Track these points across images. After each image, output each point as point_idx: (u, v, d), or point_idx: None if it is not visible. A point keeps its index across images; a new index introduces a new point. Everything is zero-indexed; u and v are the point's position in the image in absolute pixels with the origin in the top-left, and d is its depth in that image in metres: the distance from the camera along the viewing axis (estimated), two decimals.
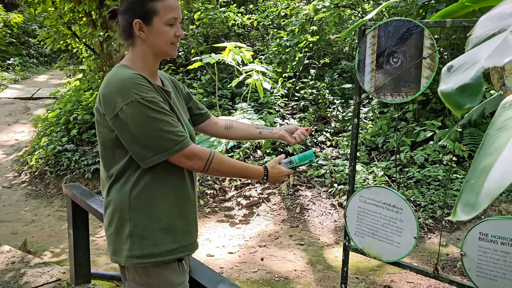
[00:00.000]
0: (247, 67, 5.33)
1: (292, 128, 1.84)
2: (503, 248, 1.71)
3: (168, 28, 1.42)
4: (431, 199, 4.36)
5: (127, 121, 1.33)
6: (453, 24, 1.74)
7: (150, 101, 1.34)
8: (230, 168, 1.49)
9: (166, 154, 1.36)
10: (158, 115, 1.34)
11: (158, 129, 1.34)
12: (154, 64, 1.49)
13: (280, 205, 4.57)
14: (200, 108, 1.76)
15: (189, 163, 1.41)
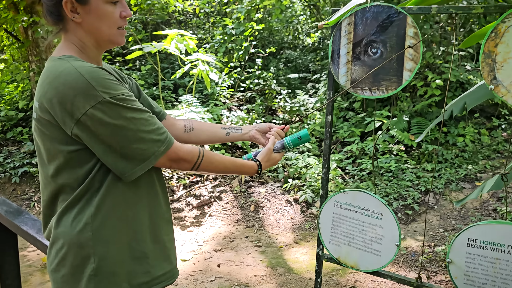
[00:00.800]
0: (192, 56, 4.99)
1: (265, 127, 1.59)
2: (493, 254, 1.59)
3: (112, 8, 1.13)
4: (386, 191, 4.33)
5: (96, 127, 1.05)
6: (439, 10, 1.57)
7: (122, 99, 1.07)
8: (221, 167, 1.32)
9: (152, 159, 1.13)
10: (134, 114, 1.09)
11: (138, 131, 1.09)
12: (98, 55, 1.18)
13: (233, 203, 4.33)
14: (153, 106, 1.44)
15: (175, 165, 1.20)
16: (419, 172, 4.74)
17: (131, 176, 1.11)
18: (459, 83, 5.69)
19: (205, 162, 1.24)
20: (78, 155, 1.09)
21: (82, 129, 1.05)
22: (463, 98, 1.85)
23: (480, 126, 5.74)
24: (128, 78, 1.40)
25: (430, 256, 3.28)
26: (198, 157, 1.22)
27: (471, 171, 4.80)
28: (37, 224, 1.80)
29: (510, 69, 1.46)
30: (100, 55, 1.20)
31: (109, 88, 1.05)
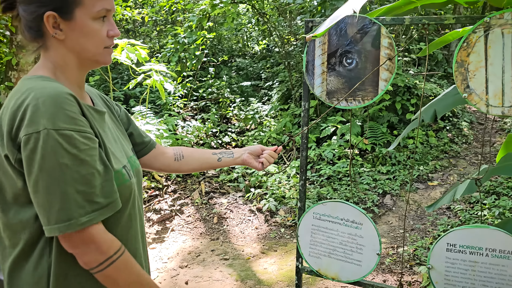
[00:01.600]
0: (145, 67, 4.83)
1: (257, 149, 1.52)
2: (472, 258, 1.63)
3: (98, 25, 1.01)
4: (346, 195, 4.41)
5: (28, 162, 0.88)
6: (412, 21, 1.60)
7: (67, 137, 0.89)
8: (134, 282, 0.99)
9: (66, 225, 0.89)
10: (71, 162, 0.89)
11: (63, 182, 0.89)
12: (79, 76, 1.05)
13: (195, 216, 4.21)
14: (143, 136, 1.33)
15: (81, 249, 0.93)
16: (375, 175, 4.88)
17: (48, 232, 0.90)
18: (406, 87, 5.93)
19: (120, 264, 0.96)
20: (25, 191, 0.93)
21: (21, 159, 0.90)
22: (433, 106, 1.89)
23: (427, 128, 6.01)
24: (118, 106, 1.29)
25: (394, 258, 3.36)
26: (116, 252, 0.95)
27: (423, 172, 5.01)
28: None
29: (482, 77, 1.51)
30: (83, 76, 1.08)
31: (57, 119, 0.89)
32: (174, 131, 5.54)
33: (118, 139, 1.13)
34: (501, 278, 1.60)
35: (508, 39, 1.47)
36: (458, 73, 1.54)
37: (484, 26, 1.48)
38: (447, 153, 5.56)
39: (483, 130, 6.21)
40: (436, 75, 7.41)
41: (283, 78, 7.41)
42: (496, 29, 1.47)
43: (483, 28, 1.49)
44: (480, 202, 1.80)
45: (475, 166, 5.16)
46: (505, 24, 1.46)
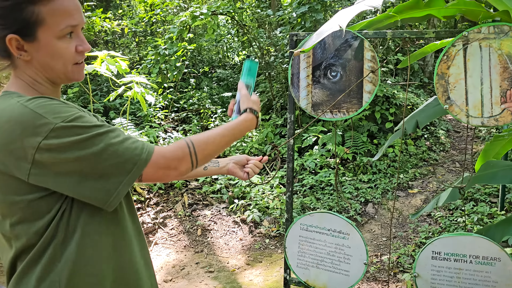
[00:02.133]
0: (126, 78, 4.79)
1: (242, 159, 1.53)
2: (456, 265, 1.67)
3: (65, 43, 0.98)
4: (329, 205, 4.44)
5: (58, 158, 0.90)
6: (394, 35, 1.64)
7: (76, 119, 0.93)
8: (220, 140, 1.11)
9: (135, 170, 0.96)
10: (96, 130, 0.94)
11: (107, 145, 0.93)
12: (54, 91, 1.05)
13: (178, 229, 4.17)
14: None
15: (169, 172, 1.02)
16: (357, 184, 4.93)
17: (117, 198, 0.96)
18: (385, 97, 6.05)
19: (199, 147, 1.05)
20: (38, 204, 0.94)
21: (41, 170, 0.90)
22: (414, 117, 1.94)
23: (406, 137, 6.13)
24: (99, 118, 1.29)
25: (378, 266, 3.40)
26: (188, 147, 1.03)
27: (403, 180, 5.09)
28: None
29: (462, 89, 1.57)
30: (56, 90, 1.06)
31: (58, 113, 0.91)
32: (156, 143, 5.50)
33: None
34: (485, 284, 1.63)
35: (485, 52, 1.53)
36: (439, 85, 1.59)
37: (463, 40, 1.54)
38: (426, 161, 5.67)
39: (466, 138, 6.37)
40: (412, 85, 7.59)
41: (263, 88, 7.46)
42: (474, 42, 1.53)
43: (461, 42, 1.54)
44: (462, 210, 1.85)
45: (453, 173, 5.28)
46: (483, 38, 1.52)
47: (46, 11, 0.94)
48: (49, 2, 0.94)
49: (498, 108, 1.53)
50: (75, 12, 0.99)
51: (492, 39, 1.51)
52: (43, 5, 0.94)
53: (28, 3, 0.93)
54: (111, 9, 9.38)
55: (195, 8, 5.89)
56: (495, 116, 1.54)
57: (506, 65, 1.51)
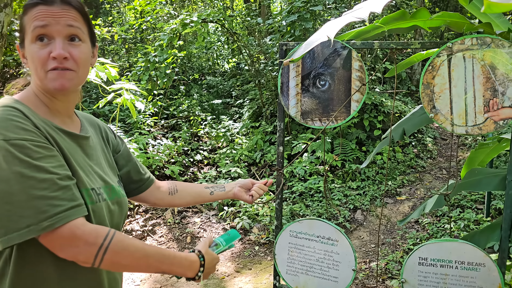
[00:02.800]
0: (115, 85, 4.79)
1: (247, 183, 1.58)
2: (442, 271, 1.70)
3: (35, 47, 0.99)
4: (318, 212, 4.47)
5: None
6: (381, 45, 1.68)
7: (19, 146, 0.88)
8: (141, 257, 0.96)
9: (28, 233, 0.86)
10: (26, 170, 0.87)
11: (20, 193, 0.86)
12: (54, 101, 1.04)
13: (168, 236, 4.16)
14: (142, 172, 1.35)
15: (68, 249, 0.90)
16: (346, 191, 4.98)
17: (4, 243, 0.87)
18: (373, 105, 6.13)
19: (115, 246, 0.92)
20: None
21: None
22: (401, 125, 1.98)
23: (394, 144, 6.20)
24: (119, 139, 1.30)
25: (367, 273, 3.43)
26: (104, 238, 0.91)
27: (391, 187, 5.15)
28: None
29: (447, 98, 1.61)
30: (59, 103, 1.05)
31: (7, 130, 0.88)
32: (145, 150, 5.48)
33: (98, 165, 1.12)
34: None
35: (469, 63, 1.57)
36: (424, 94, 1.63)
37: (447, 51, 1.58)
38: (413, 168, 5.74)
39: (450, 146, 6.46)
40: (400, 93, 7.69)
41: (253, 96, 7.50)
42: (458, 53, 1.57)
43: (446, 53, 1.58)
44: (448, 216, 1.89)
45: (440, 180, 5.35)
46: (466, 49, 1.56)
47: (27, 19, 1.01)
48: (30, 10, 1.00)
49: (482, 117, 1.58)
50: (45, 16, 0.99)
51: (475, 50, 1.55)
52: (27, 15, 1.01)
53: (22, 15, 1.02)
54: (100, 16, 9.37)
55: (186, 16, 5.92)
56: (479, 124, 1.58)
57: (488, 76, 1.55)
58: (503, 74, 1.54)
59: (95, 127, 1.22)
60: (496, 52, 1.54)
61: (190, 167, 5.86)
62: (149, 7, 7.16)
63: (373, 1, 1.26)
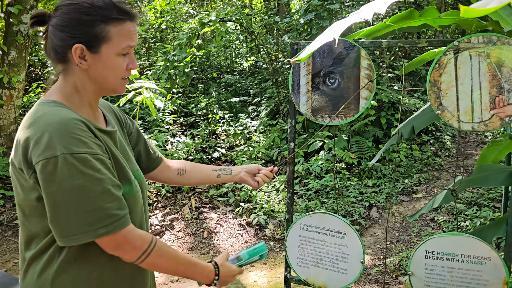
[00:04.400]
0: (135, 84, 4.92)
1: (254, 168, 1.65)
2: (449, 264, 1.74)
3: (121, 60, 1.10)
4: (333, 208, 4.51)
5: (45, 180, 0.98)
6: (389, 44, 1.73)
7: (82, 160, 0.98)
8: (171, 262, 1.13)
9: (86, 237, 1.00)
10: (88, 183, 0.99)
11: (82, 203, 0.99)
12: (94, 99, 1.14)
13: (185, 231, 4.27)
14: (152, 152, 1.43)
15: (118, 252, 1.06)
16: (361, 188, 5.00)
17: (65, 242, 1.01)
18: (391, 102, 6.11)
19: (155, 255, 1.09)
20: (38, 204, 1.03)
21: (36, 179, 0.99)
22: (411, 122, 2.02)
23: (411, 142, 6.18)
24: (130, 121, 1.36)
25: (380, 269, 3.46)
26: (149, 245, 1.08)
27: (408, 184, 5.14)
28: None
29: (453, 96, 1.64)
30: (97, 99, 1.17)
31: (71, 144, 0.98)
32: (164, 147, 5.61)
33: (127, 154, 1.21)
34: (476, 283, 1.70)
35: (475, 61, 1.61)
36: (431, 91, 1.67)
37: (454, 49, 1.62)
38: (430, 166, 5.72)
39: (458, 143, 6.40)
40: (419, 91, 7.63)
41: (271, 94, 7.56)
42: (464, 52, 1.61)
43: (453, 51, 1.62)
44: (456, 212, 1.92)
45: None
46: (472, 47, 1.60)
47: (115, 31, 1.07)
48: (119, 24, 1.08)
49: (488, 114, 1.61)
50: (134, 35, 1.12)
51: (481, 48, 1.59)
52: (113, 26, 1.07)
53: (102, 22, 1.06)
54: None
55: (204, 15, 6.03)
56: (485, 121, 1.61)
57: (494, 73, 1.58)
58: (509, 71, 1.57)
59: (111, 113, 1.29)
60: (502, 49, 1.57)
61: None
62: (169, 7, 7.30)
63: (378, 2, 1.31)
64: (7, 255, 3.81)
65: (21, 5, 4.94)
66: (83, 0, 1.06)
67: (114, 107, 1.34)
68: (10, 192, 4.71)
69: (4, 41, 5.05)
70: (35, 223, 1.05)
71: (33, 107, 1.08)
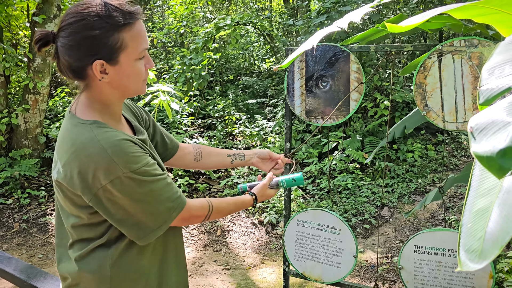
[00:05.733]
0: (153, 87, 5.11)
1: (265, 154, 1.78)
2: (437, 258, 1.81)
3: (140, 64, 1.11)
4: (344, 208, 4.58)
5: (113, 200, 1.07)
6: (376, 49, 1.82)
7: (142, 172, 1.08)
8: (226, 212, 1.42)
9: (165, 225, 1.17)
10: (153, 186, 1.11)
11: (153, 202, 1.13)
12: (119, 106, 1.19)
13: (199, 229, 4.42)
14: (170, 140, 1.53)
15: (187, 223, 1.27)
16: (374, 188, 5.04)
17: (145, 241, 1.15)
18: (405, 103, 6.12)
19: (215, 213, 1.33)
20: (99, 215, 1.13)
21: (98, 202, 1.07)
22: (403, 122, 2.10)
23: (426, 142, 6.17)
24: (145, 114, 1.43)
25: (388, 267, 3.52)
26: (208, 210, 1.30)
27: (421, 184, 5.15)
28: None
29: (438, 97, 1.72)
30: (121, 105, 1.20)
31: (130, 162, 1.05)
32: None
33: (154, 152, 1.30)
34: (463, 276, 1.77)
35: (458, 63, 1.68)
36: (417, 93, 1.75)
37: (438, 52, 1.70)
38: (446, 166, 5.70)
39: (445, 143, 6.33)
40: None
41: None
42: (447, 55, 1.69)
43: (436, 54, 1.70)
44: (444, 207, 1.98)
45: None
46: (455, 51, 1.67)
47: (129, 37, 1.05)
48: (131, 29, 1.06)
49: (471, 114, 1.68)
50: (146, 35, 1.11)
51: (463, 51, 1.66)
52: (125, 32, 1.05)
53: (113, 31, 1.03)
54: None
55: (219, 20, 6.19)
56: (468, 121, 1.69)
57: (476, 75, 1.65)
58: None
59: (128, 111, 1.35)
60: (483, 52, 1.64)
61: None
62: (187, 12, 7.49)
63: (354, 13, 1.41)
64: (32, 250, 4.05)
65: (45, 14, 5.21)
66: (87, 13, 1.02)
67: (129, 102, 1.37)
68: (35, 191, 4.97)
69: (30, 49, 5.33)
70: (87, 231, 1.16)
71: (73, 129, 1.08)
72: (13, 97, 6.38)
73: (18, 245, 4.14)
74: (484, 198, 0.81)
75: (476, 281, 1.76)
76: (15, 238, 4.25)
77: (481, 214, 0.78)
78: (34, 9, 5.44)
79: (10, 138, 5.52)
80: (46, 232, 4.35)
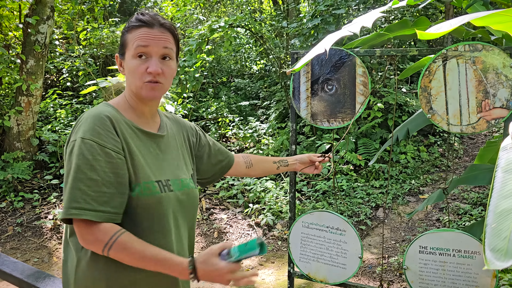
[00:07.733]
0: None
1: (305, 160, 1.86)
2: (441, 258, 1.85)
3: (136, 62, 1.20)
4: (340, 209, 4.61)
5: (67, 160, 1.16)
6: (382, 53, 1.85)
7: (87, 144, 1.11)
8: (136, 257, 1.10)
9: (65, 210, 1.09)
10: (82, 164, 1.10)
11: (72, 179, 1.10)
12: (141, 105, 1.28)
13: (196, 231, 4.41)
14: (226, 154, 1.62)
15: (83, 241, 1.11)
16: (368, 189, 5.09)
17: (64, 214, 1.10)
18: (398, 105, 6.19)
19: (117, 247, 1.09)
20: None
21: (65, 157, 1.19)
22: (406, 125, 2.13)
23: (419, 144, 6.25)
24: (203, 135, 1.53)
25: (385, 267, 3.56)
26: (111, 237, 1.09)
27: (414, 185, 5.22)
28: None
29: (443, 100, 1.76)
30: (145, 107, 1.27)
31: (87, 131, 1.13)
32: None
33: (172, 160, 1.31)
34: (467, 276, 1.81)
35: (462, 67, 1.72)
36: (422, 96, 1.79)
37: (442, 56, 1.73)
38: (437, 167, 5.78)
39: (447, 143, 6.44)
40: None
41: (280, 97, 7.69)
42: (452, 59, 1.72)
43: (441, 59, 1.74)
44: (447, 209, 2.02)
45: None
46: (459, 55, 1.71)
47: (130, 36, 1.23)
48: (134, 30, 1.22)
49: (475, 117, 1.72)
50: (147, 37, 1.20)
51: (468, 56, 1.70)
52: (130, 33, 1.23)
53: (125, 32, 1.25)
54: None
55: (213, 22, 6.18)
56: (472, 124, 1.72)
57: (480, 79, 1.70)
58: (494, 77, 1.68)
59: (178, 126, 1.43)
60: (487, 57, 1.68)
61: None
62: (179, 14, 7.48)
63: (366, 17, 1.44)
64: (27, 254, 4.00)
65: (38, 16, 5.16)
66: None
67: (187, 122, 1.48)
68: (28, 194, 4.92)
69: (23, 51, 5.28)
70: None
71: None
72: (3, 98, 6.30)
73: (13, 249, 4.09)
74: (508, 199, 0.83)
75: (479, 281, 1.80)
76: (9, 242, 4.20)
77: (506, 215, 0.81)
78: (26, 10, 5.39)
79: (2, 141, 5.45)
80: (41, 236, 4.31)
